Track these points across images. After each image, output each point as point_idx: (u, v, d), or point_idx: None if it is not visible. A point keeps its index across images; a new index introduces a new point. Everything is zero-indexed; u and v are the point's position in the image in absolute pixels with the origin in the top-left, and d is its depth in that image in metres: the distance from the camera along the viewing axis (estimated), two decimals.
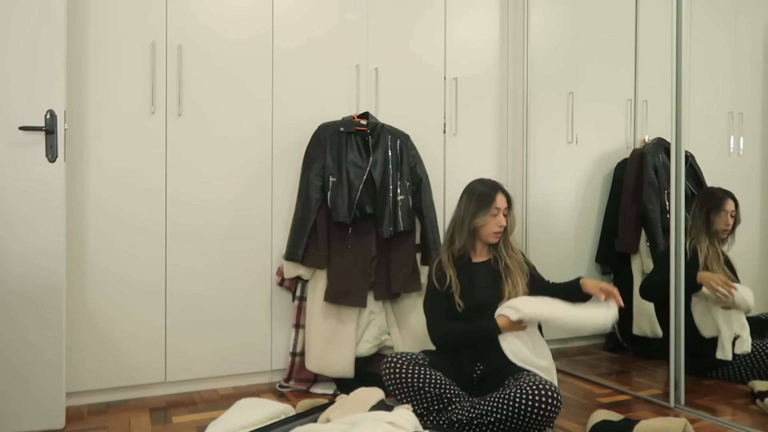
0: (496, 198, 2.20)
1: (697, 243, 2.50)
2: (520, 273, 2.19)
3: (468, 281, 2.18)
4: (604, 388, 2.58)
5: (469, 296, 2.15)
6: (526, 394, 1.83)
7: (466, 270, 2.21)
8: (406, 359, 2.06)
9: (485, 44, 3.13)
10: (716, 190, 2.52)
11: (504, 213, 2.20)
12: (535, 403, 1.81)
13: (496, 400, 1.88)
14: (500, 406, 1.86)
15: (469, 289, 2.17)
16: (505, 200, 2.22)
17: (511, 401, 1.84)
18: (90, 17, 2.35)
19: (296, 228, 2.53)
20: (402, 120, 2.83)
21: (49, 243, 2.08)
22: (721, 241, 2.51)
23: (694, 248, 2.49)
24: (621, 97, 2.95)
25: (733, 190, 2.53)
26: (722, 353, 2.43)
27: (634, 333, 2.85)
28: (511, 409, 1.84)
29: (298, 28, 2.70)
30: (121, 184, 2.40)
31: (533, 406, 1.81)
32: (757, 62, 2.51)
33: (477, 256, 2.25)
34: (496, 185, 2.24)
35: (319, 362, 2.49)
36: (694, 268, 2.44)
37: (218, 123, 2.56)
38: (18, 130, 2.04)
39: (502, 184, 2.26)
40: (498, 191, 2.22)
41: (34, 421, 2.07)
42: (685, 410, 2.26)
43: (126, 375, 2.41)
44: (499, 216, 2.19)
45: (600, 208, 3.06)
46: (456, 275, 2.18)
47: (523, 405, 1.82)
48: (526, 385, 1.86)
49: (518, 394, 1.84)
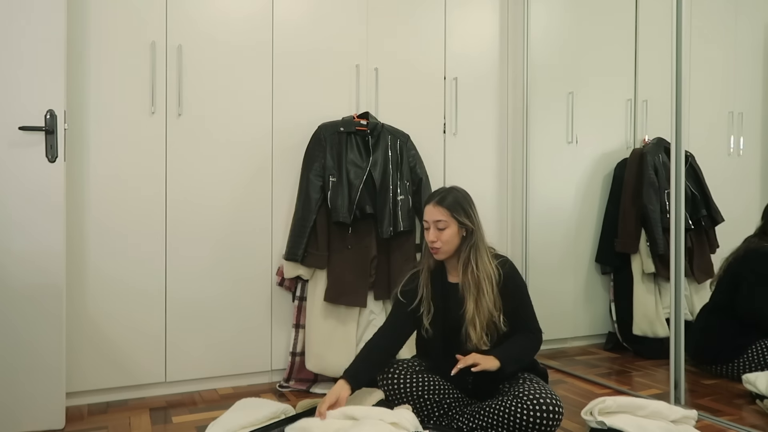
0: (425, 210, 1.95)
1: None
2: (484, 292, 1.88)
3: (441, 306, 1.97)
4: (604, 388, 2.58)
5: (437, 324, 1.97)
6: (526, 408, 1.78)
7: (441, 290, 2.00)
8: (403, 368, 2.02)
9: (485, 44, 3.13)
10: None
11: (439, 227, 1.90)
12: (537, 418, 1.77)
13: (495, 411, 1.84)
14: (500, 420, 1.83)
15: (439, 314, 1.97)
16: (435, 212, 1.90)
17: (511, 415, 1.80)
18: (90, 17, 2.35)
19: (296, 228, 2.53)
20: (402, 120, 2.83)
21: (49, 243, 2.08)
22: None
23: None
24: (621, 97, 2.95)
25: (733, 190, 2.53)
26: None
27: (634, 333, 2.85)
28: (510, 423, 1.80)
29: (298, 28, 2.70)
30: (121, 184, 2.40)
31: (534, 422, 1.77)
32: (757, 62, 2.51)
33: (450, 275, 2.01)
34: (434, 194, 1.96)
35: (319, 362, 2.49)
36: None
37: (218, 123, 2.56)
38: (18, 130, 2.04)
39: (445, 192, 1.94)
40: (429, 202, 1.93)
41: (34, 421, 2.07)
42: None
43: (126, 375, 2.41)
44: (430, 230, 1.92)
45: (600, 208, 3.06)
46: (430, 296, 1.98)
47: (524, 420, 1.78)
48: (526, 398, 1.80)
49: (518, 407, 1.80)
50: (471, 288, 1.90)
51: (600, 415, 1.89)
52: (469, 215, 1.93)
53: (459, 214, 1.90)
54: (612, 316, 3.00)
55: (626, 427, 1.82)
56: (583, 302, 3.08)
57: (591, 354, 3.02)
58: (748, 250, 2.45)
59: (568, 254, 3.10)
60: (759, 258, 2.42)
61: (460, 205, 1.92)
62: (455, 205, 1.91)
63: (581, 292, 3.08)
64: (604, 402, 1.91)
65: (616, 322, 2.97)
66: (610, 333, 3.02)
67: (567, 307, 3.10)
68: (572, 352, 3.06)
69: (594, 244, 3.06)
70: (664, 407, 1.92)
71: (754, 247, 2.43)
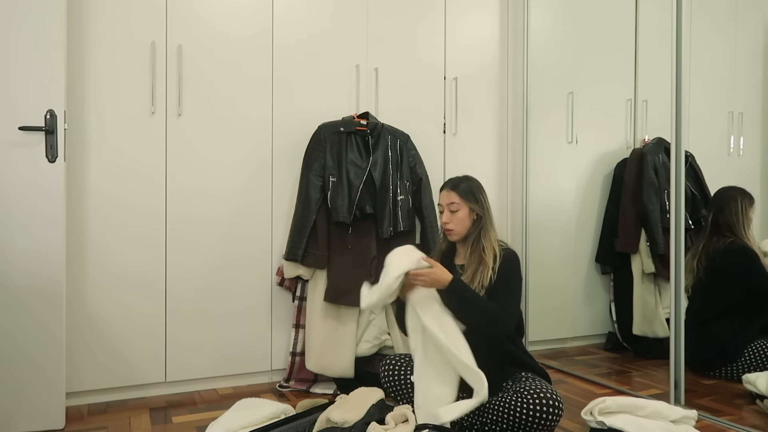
0: (440, 194, 2.11)
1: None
2: (487, 267, 1.96)
3: None
4: (604, 388, 2.58)
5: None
6: (527, 403, 1.80)
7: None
8: (404, 361, 2.06)
9: (485, 44, 3.13)
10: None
11: (452, 209, 2.04)
12: (537, 413, 1.79)
13: (497, 407, 1.85)
14: (501, 416, 1.84)
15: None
16: (449, 196, 2.06)
17: (511, 410, 1.82)
18: (90, 17, 2.35)
19: (296, 228, 2.53)
20: (402, 120, 2.83)
21: (49, 243, 2.08)
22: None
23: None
24: (621, 97, 2.95)
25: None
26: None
27: (634, 333, 2.85)
28: (511, 418, 1.82)
29: (297, 29, 2.70)
30: (121, 185, 2.40)
31: (534, 416, 1.79)
32: (756, 62, 2.51)
33: (458, 256, 2.12)
34: (449, 181, 2.12)
35: (319, 362, 2.49)
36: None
37: (218, 123, 2.56)
38: (18, 130, 2.04)
39: (458, 180, 2.10)
40: (444, 188, 2.10)
41: (34, 421, 2.07)
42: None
43: (126, 375, 2.41)
44: (444, 213, 2.06)
45: (600, 208, 3.06)
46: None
47: (524, 414, 1.79)
48: (526, 393, 1.82)
49: (519, 402, 1.81)
50: (473, 263, 2.00)
51: (600, 415, 1.89)
52: (480, 201, 2.06)
53: (470, 199, 2.04)
54: (612, 316, 3.00)
55: (626, 427, 1.82)
56: (583, 302, 3.08)
57: (591, 354, 3.02)
58: (725, 251, 2.49)
59: (568, 254, 3.10)
60: (740, 253, 2.48)
61: (471, 191, 2.06)
62: (467, 191, 2.06)
63: (581, 292, 3.08)
64: (604, 402, 1.91)
65: (616, 322, 2.97)
66: (610, 333, 3.02)
67: (567, 307, 3.10)
68: (572, 352, 3.06)
69: (594, 244, 3.06)
70: (664, 407, 1.92)
71: (727, 247, 2.49)
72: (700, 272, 2.54)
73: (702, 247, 2.55)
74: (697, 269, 2.55)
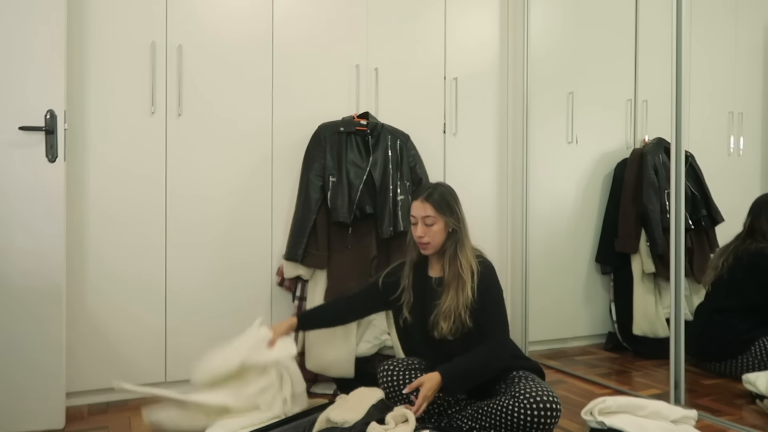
0: (413, 205, 2.00)
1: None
2: (466, 285, 1.91)
3: (420, 297, 2.03)
4: (604, 388, 2.58)
5: (415, 313, 2.04)
6: (524, 407, 1.79)
7: (421, 282, 2.05)
8: (403, 366, 2.04)
9: (485, 44, 3.13)
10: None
11: (427, 222, 1.94)
12: (535, 416, 1.78)
13: (494, 411, 1.85)
14: (498, 420, 1.83)
15: (417, 305, 2.04)
16: (423, 207, 1.95)
17: (510, 414, 1.81)
18: (90, 17, 2.35)
19: (296, 228, 2.53)
20: (402, 120, 2.83)
21: (49, 243, 2.08)
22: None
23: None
24: (621, 97, 2.95)
25: (733, 190, 2.53)
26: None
27: (634, 333, 2.85)
28: (509, 423, 1.81)
29: (297, 28, 2.70)
30: (121, 184, 2.40)
31: (532, 419, 1.78)
32: (756, 62, 2.51)
33: (432, 269, 2.05)
34: (421, 190, 2.02)
35: (319, 362, 2.49)
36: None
37: (218, 123, 2.56)
38: (18, 130, 2.04)
39: (432, 189, 1.98)
40: (417, 198, 1.98)
41: (34, 421, 2.07)
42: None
43: (126, 375, 2.40)
44: (419, 226, 1.96)
45: (600, 208, 3.06)
46: (411, 287, 2.04)
47: (522, 418, 1.79)
48: (522, 396, 1.81)
49: (516, 406, 1.80)
50: (452, 281, 1.93)
51: (600, 415, 1.88)
52: (455, 212, 1.98)
53: (445, 212, 1.95)
54: (612, 316, 3.00)
55: (626, 427, 1.82)
56: (583, 302, 3.08)
57: (591, 354, 3.02)
58: (755, 254, 2.47)
59: (568, 254, 3.10)
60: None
61: (447, 203, 1.97)
62: (442, 202, 1.96)
63: (581, 292, 3.08)
64: (604, 402, 1.91)
65: (616, 322, 2.98)
66: (610, 333, 3.02)
67: (567, 307, 3.10)
68: (572, 352, 3.06)
69: (594, 244, 3.06)
70: (664, 407, 1.92)
71: (758, 251, 2.46)
72: (723, 269, 2.54)
73: (732, 248, 2.54)
74: (722, 266, 2.54)
